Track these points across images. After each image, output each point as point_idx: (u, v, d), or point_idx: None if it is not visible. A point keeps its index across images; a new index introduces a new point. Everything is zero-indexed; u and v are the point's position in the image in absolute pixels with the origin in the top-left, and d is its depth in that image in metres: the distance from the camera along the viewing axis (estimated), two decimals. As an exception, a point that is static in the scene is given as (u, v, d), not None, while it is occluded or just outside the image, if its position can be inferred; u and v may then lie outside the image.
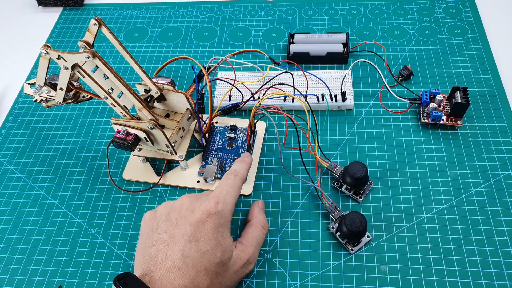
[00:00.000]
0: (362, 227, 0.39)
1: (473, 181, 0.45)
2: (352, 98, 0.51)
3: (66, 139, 0.53)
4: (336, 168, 0.45)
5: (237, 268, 0.36)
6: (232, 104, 0.49)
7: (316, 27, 0.62)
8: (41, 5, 0.70)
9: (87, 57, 0.37)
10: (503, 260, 0.39)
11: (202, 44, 0.62)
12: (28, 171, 0.50)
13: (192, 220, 0.35)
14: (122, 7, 0.68)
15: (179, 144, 0.46)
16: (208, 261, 0.34)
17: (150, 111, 0.41)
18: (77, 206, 0.47)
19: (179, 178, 0.47)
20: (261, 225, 0.40)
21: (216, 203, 0.36)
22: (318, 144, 0.46)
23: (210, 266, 0.34)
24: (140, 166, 0.48)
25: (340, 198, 0.44)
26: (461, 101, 0.46)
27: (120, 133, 0.42)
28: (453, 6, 0.62)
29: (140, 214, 0.45)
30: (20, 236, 0.45)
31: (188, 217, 0.35)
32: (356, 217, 0.39)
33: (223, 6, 0.67)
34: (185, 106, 0.45)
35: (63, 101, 0.44)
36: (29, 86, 0.48)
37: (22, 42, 0.66)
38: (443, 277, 0.39)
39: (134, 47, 0.62)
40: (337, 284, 0.39)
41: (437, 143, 0.48)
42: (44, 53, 0.38)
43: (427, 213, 0.43)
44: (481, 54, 0.56)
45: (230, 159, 0.47)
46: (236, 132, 0.49)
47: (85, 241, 0.44)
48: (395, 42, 0.59)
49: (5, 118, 0.56)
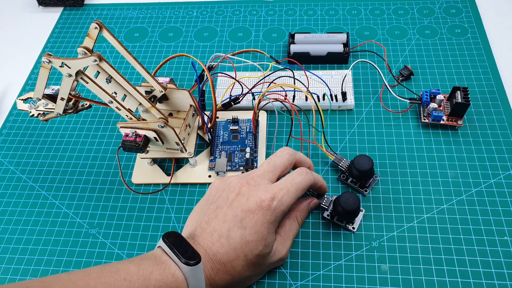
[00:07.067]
0: (357, 204, 0.40)
1: (473, 181, 0.45)
2: (352, 98, 0.51)
3: (67, 139, 0.53)
4: (343, 161, 0.46)
5: (274, 261, 0.38)
6: (233, 96, 0.49)
7: (316, 27, 0.62)
8: (41, 5, 0.70)
9: (93, 61, 0.36)
10: (504, 260, 0.39)
11: (202, 44, 0.62)
12: (28, 171, 0.50)
13: (245, 207, 0.35)
14: (123, 7, 0.68)
15: (187, 141, 0.46)
16: (250, 251, 0.35)
17: (159, 110, 0.41)
18: (78, 206, 0.47)
19: (190, 175, 0.47)
20: (298, 221, 0.41)
21: (272, 199, 0.35)
22: (324, 137, 0.47)
23: (250, 255, 0.35)
24: (149, 169, 0.49)
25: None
26: (462, 101, 0.46)
27: (129, 136, 0.42)
28: (453, 6, 0.62)
29: (141, 214, 0.45)
30: (20, 236, 0.45)
31: (242, 203, 0.36)
32: (348, 196, 0.40)
33: (223, 6, 0.67)
34: (188, 103, 0.46)
35: (63, 112, 0.44)
36: (22, 102, 0.47)
37: (22, 42, 0.66)
38: (443, 277, 0.39)
39: (135, 47, 0.62)
40: (337, 284, 0.39)
41: (438, 143, 0.48)
42: (46, 62, 0.37)
43: (427, 213, 0.43)
44: (482, 54, 0.56)
45: (237, 151, 0.48)
46: (239, 124, 0.50)
47: (86, 241, 0.44)
48: (395, 42, 0.59)
49: (6, 118, 0.56)
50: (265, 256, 0.36)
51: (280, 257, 0.38)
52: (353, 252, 0.41)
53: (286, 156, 0.39)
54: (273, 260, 0.38)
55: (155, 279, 0.31)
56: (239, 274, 0.35)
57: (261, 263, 0.37)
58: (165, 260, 0.33)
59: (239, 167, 0.47)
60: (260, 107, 0.47)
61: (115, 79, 0.39)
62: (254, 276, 0.38)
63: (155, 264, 0.32)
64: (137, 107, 0.41)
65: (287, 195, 0.36)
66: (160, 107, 0.47)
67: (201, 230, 0.36)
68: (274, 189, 0.36)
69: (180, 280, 0.32)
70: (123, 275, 0.31)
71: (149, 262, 0.33)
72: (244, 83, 0.52)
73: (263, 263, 0.37)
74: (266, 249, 0.36)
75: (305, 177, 0.38)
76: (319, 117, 0.50)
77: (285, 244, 0.39)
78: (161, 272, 0.32)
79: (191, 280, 0.32)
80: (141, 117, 0.43)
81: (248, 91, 0.50)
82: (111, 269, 0.32)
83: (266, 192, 0.36)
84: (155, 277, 0.32)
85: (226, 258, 0.34)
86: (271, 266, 0.39)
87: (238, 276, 0.35)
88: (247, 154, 0.47)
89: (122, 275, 0.31)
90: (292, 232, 0.40)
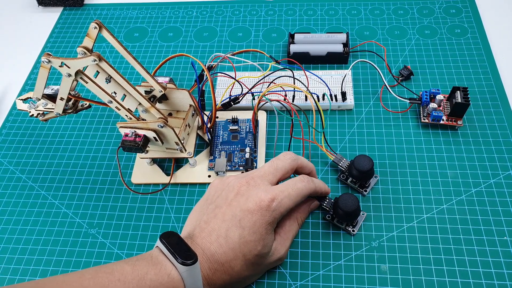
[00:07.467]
0: (356, 205, 0.40)
1: (473, 181, 0.45)
2: (352, 98, 0.51)
3: (66, 139, 0.53)
4: (342, 161, 0.46)
5: (272, 260, 0.38)
6: (233, 96, 0.49)
7: (316, 27, 0.62)
8: (41, 5, 0.70)
9: (93, 61, 0.36)
10: (503, 260, 0.39)
11: (202, 44, 0.62)
12: (28, 171, 0.50)
13: (244, 207, 0.35)
14: (122, 7, 0.68)
15: (187, 141, 0.46)
16: (248, 250, 0.35)
17: (159, 110, 0.41)
18: (77, 206, 0.47)
19: (190, 175, 0.47)
20: (298, 222, 0.41)
21: (272, 200, 0.35)
22: (324, 137, 0.47)
23: (248, 255, 0.35)
24: (148, 169, 0.49)
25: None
26: (461, 101, 0.46)
27: (128, 136, 0.42)
28: (453, 6, 0.62)
29: (141, 214, 0.45)
30: (20, 236, 0.45)
31: (241, 203, 0.36)
32: (347, 197, 0.40)
33: (223, 6, 0.67)
34: (188, 103, 0.46)
35: (62, 112, 0.44)
36: (21, 101, 0.47)
37: (22, 42, 0.66)
38: (443, 277, 0.39)
39: (134, 47, 0.62)
40: (337, 284, 0.39)
41: (437, 143, 0.48)
42: (46, 62, 0.37)
43: (427, 213, 0.43)
44: (481, 54, 0.56)
45: (237, 151, 0.48)
46: (238, 124, 0.50)
47: (86, 241, 0.44)
48: (395, 42, 0.59)
49: (5, 118, 0.56)
50: (263, 256, 0.36)
51: (279, 257, 0.38)
52: (352, 252, 0.41)
53: (288, 160, 0.39)
54: (271, 260, 0.38)
55: (150, 279, 0.31)
56: (238, 274, 0.35)
57: (260, 263, 0.37)
58: (162, 260, 0.33)
59: (239, 167, 0.47)
60: (259, 107, 0.47)
61: (115, 79, 0.39)
62: (253, 276, 0.38)
63: (151, 264, 0.32)
64: (137, 107, 0.41)
65: (288, 198, 0.36)
66: (160, 107, 0.47)
67: (200, 230, 0.36)
68: (275, 190, 0.36)
69: (176, 280, 0.32)
70: (118, 275, 0.31)
71: (144, 262, 0.33)
72: (243, 83, 0.52)
73: (261, 263, 0.37)
74: (264, 249, 0.36)
75: (307, 184, 0.38)
76: (319, 117, 0.50)
77: (284, 244, 0.39)
78: (156, 272, 0.32)
79: (188, 280, 0.32)
80: (141, 117, 0.43)
81: (248, 91, 0.50)
82: (106, 270, 0.32)
83: (266, 193, 0.36)
84: (150, 277, 0.32)
85: (225, 258, 0.34)
86: (270, 266, 0.39)
87: (237, 276, 0.35)
88: (246, 154, 0.47)
89: (117, 275, 0.31)
90: (292, 232, 0.40)
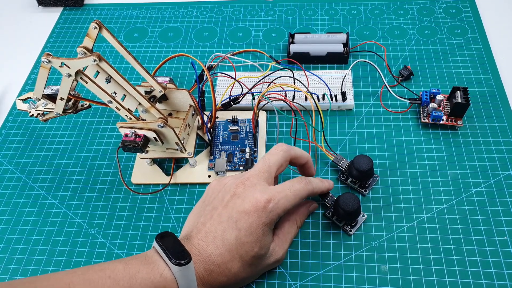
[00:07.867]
0: (356, 205, 0.39)
1: (473, 181, 0.45)
2: (352, 98, 0.51)
3: (66, 139, 0.53)
4: (342, 161, 0.46)
5: (270, 262, 0.38)
6: (233, 96, 0.49)
7: (316, 27, 0.62)
8: (41, 5, 0.70)
9: (93, 61, 0.36)
10: (504, 260, 0.39)
11: (202, 44, 0.62)
12: (28, 171, 0.50)
13: (240, 208, 0.35)
14: (122, 7, 0.68)
15: (187, 141, 0.46)
16: (245, 252, 0.35)
17: (159, 110, 0.41)
18: (77, 206, 0.47)
19: (190, 175, 0.47)
20: (297, 224, 0.41)
21: (268, 201, 0.35)
22: (324, 137, 0.47)
23: (245, 257, 0.35)
24: (148, 169, 0.49)
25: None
26: (461, 101, 0.46)
27: (128, 136, 0.42)
28: (453, 6, 0.62)
29: (141, 214, 0.45)
30: (20, 236, 0.45)
31: (237, 204, 0.35)
32: (348, 197, 0.40)
33: (223, 6, 0.67)
34: (188, 103, 0.46)
35: (62, 112, 0.44)
36: (21, 102, 0.47)
37: (22, 42, 0.66)
38: (443, 277, 0.39)
39: (134, 47, 0.62)
40: (337, 284, 0.39)
41: (437, 143, 0.48)
42: (46, 62, 0.37)
43: (427, 213, 0.43)
44: (481, 54, 0.56)
45: (237, 151, 0.48)
46: (238, 124, 0.50)
47: (85, 241, 0.44)
48: (395, 42, 0.59)
49: (5, 118, 0.56)
50: (261, 257, 0.36)
51: (277, 258, 0.38)
52: (352, 252, 0.41)
53: (280, 153, 0.39)
54: (269, 262, 0.37)
55: (141, 277, 0.32)
56: (235, 275, 0.35)
57: (257, 264, 0.36)
58: (155, 260, 0.33)
59: (239, 167, 0.47)
60: (259, 107, 0.47)
61: (115, 79, 0.39)
62: (250, 277, 0.38)
63: (144, 263, 0.33)
64: (137, 107, 0.41)
65: (285, 199, 0.36)
66: (160, 107, 0.47)
67: (197, 231, 0.36)
68: (272, 191, 0.36)
69: (169, 280, 0.32)
70: (109, 273, 0.32)
71: (137, 261, 0.33)
72: (243, 83, 0.52)
73: (259, 264, 0.37)
74: (261, 251, 0.36)
75: (304, 186, 0.38)
76: (319, 117, 0.50)
77: (283, 246, 0.38)
78: (148, 271, 0.32)
79: (181, 281, 0.32)
80: (141, 117, 0.43)
81: (248, 91, 0.50)
82: (98, 268, 0.32)
83: (263, 194, 0.35)
84: (141, 275, 0.32)
85: (221, 260, 0.34)
86: (268, 268, 0.39)
87: (234, 278, 0.35)
88: (246, 154, 0.47)
89: (108, 273, 0.32)
90: (291, 234, 0.40)
